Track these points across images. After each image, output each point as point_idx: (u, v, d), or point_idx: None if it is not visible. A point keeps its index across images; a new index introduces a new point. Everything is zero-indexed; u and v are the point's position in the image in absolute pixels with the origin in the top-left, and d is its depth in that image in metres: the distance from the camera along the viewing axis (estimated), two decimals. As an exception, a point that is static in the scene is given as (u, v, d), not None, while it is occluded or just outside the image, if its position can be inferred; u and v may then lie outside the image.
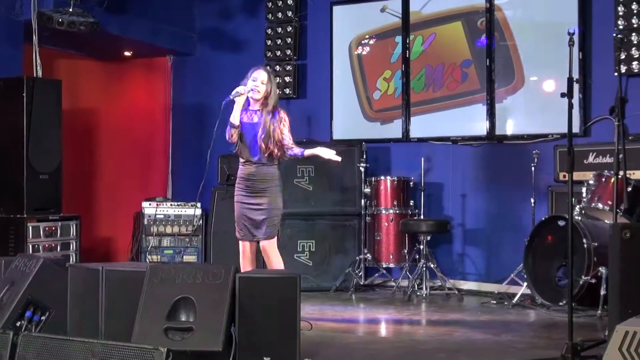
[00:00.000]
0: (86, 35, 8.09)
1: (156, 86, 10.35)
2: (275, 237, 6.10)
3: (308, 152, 6.07)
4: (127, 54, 9.92)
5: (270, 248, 6.07)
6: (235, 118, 5.98)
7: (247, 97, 6.05)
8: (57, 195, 7.84)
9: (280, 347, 4.50)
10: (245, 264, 6.11)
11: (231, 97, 5.99)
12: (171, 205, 9.02)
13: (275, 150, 6.00)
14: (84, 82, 9.70)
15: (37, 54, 7.78)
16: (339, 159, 6.15)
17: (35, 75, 7.74)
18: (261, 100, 6.05)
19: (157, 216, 8.90)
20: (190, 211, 8.96)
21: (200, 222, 8.95)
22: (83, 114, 9.63)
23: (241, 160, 6.13)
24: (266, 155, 5.99)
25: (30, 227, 7.46)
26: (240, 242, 6.14)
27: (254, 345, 4.47)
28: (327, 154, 6.08)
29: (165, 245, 8.89)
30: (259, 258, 6.31)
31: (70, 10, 7.71)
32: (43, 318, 4.92)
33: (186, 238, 8.94)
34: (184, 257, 8.90)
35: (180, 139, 10.19)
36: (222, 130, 6.04)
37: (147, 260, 8.70)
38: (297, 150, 6.06)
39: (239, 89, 6.01)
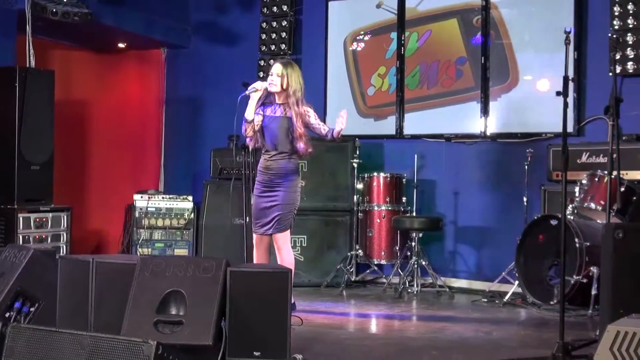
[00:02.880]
0: (80, 26, 8.06)
1: (150, 79, 10.31)
2: (288, 231, 6.13)
3: (336, 131, 6.04)
4: (121, 45, 9.88)
5: (282, 241, 6.10)
6: (249, 113, 5.98)
7: (272, 92, 6.06)
8: (48, 186, 7.80)
9: (271, 342, 4.48)
10: (260, 257, 6.14)
11: (247, 92, 6.00)
12: (163, 198, 8.99)
13: (295, 145, 6.02)
14: (77, 73, 9.66)
15: (31, 44, 7.73)
16: (344, 115, 6.03)
17: (28, 65, 7.69)
18: (283, 93, 6.05)
19: (149, 209, 8.87)
20: (182, 204, 8.94)
21: (192, 215, 8.93)
22: (76, 105, 9.59)
23: (262, 152, 6.16)
24: (284, 148, 6.02)
25: (20, 218, 7.43)
26: (254, 235, 6.16)
27: (244, 340, 4.46)
28: (343, 123, 6.00)
29: (156, 238, 8.86)
30: (272, 251, 6.31)
31: (65, 0, 7.68)
32: (32, 309, 4.89)
33: (177, 231, 8.92)
34: (175, 250, 8.88)
35: (173, 132, 10.16)
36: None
37: (138, 253, 8.67)
38: (329, 135, 6.08)
39: (256, 84, 6.04)
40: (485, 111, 8.21)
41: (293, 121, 5.99)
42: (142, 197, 8.94)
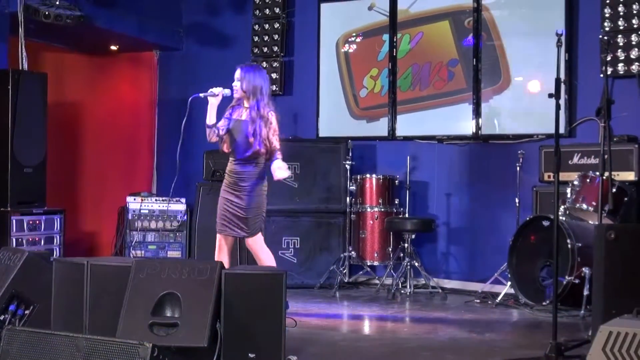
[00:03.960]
0: (73, 29, 8.06)
1: (142, 81, 10.31)
2: (260, 233, 6.09)
3: (274, 170, 5.91)
4: (113, 48, 9.87)
5: (256, 244, 6.07)
6: (209, 118, 5.93)
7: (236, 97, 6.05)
8: (41, 189, 7.80)
9: (265, 344, 4.49)
10: (221, 258, 6.05)
11: (202, 95, 5.96)
12: (156, 200, 8.99)
13: (262, 149, 5.95)
14: (69, 76, 9.66)
15: (23, 47, 7.73)
16: (286, 175, 5.96)
17: (20, 68, 7.69)
18: (245, 97, 6.03)
19: (142, 211, 8.87)
20: (174, 206, 8.94)
21: (185, 217, 8.93)
22: (68, 107, 9.59)
23: (230, 156, 6.11)
24: (252, 152, 5.96)
25: (14, 221, 7.43)
26: (218, 235, 6.10)
27: (239, 342, 4.47)
28: (279, 174, 5.89)
29: (149, 240, 8.86)
30: (234, 255, 6.29)
31: (57, 3, 7.68)
32: (27, 312, 4.90)
33: (170, 233, 8.92)
34: (168, 252, 8.88)
35: (165, 135, 10.14)
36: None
37: (131, 255, 8.67)
38: (275, 156, 5.96)
39: (215, 89, 5.96)
40: (477, 112, 8.24)
41: (258, 124, 5.93)
42: (135, 199, 8.94)
